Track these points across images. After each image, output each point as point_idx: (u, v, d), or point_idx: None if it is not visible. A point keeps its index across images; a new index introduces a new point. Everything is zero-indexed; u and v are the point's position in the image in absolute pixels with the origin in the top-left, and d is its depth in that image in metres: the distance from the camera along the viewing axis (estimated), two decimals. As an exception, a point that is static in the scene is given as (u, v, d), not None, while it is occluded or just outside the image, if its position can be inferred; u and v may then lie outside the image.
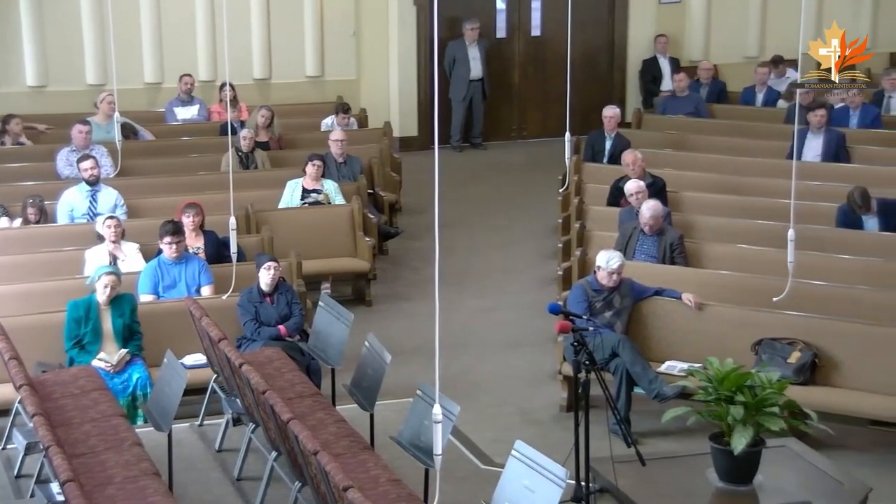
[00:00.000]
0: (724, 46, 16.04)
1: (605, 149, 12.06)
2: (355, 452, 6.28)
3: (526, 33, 16.11)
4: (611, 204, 10.54)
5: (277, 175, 11.39)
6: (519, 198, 13.54)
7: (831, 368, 7.60)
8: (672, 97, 14.04)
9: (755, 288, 8.35)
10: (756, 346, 7.75)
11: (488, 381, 8.81)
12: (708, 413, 5.97)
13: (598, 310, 7.97)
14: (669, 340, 8.10)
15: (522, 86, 16.15)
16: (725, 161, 11.65)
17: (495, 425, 8.03)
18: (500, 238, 12.23)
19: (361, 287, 10.52)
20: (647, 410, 7.67)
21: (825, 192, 10.12)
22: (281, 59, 14.78)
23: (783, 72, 14.53)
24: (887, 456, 7.37)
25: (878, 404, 7.37)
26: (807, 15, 14.99)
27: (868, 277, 8.60)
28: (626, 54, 16.08)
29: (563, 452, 6.25)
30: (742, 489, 5.84)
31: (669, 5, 16.06)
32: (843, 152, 11.47)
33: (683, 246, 9.11)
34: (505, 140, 16.11)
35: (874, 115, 12.48)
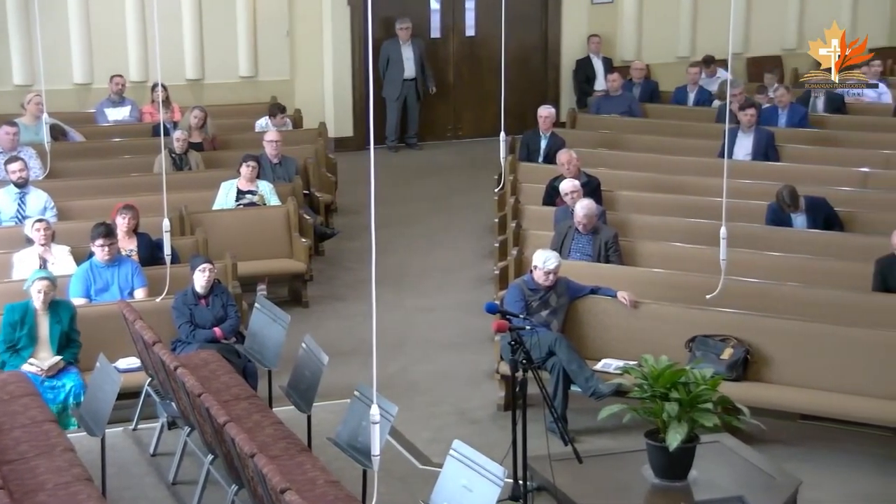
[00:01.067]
0: (656, 46, 16.22)
1: (540, 148, 12.12)
2: (292, 454, 6.25)
3: (460, 33, 16.14)
4: (546, 203, 10.60)
5: (211, 176, 11.28)
6: (455, 198, 13.56)
7: (763, 364, 7.72)
8: (606, 97, 14.16)
9: (688, 285, 8.45)
10: (690, 343, 7.84)
11: (426, 380, 8.81)
12: (643, 410, 6.03)
13: (534, 309, 8.01)
14: (605, 338, 8.17)
15: (457, 86, 16.18)
16: (658, 160, 11.78)
17: (433, 425, 8.04)
18: (436, 238, 12.24)
19: (298, 288, 10.47)
20: (584, 408, 7.72)
21: (755, 191, 10.26)
22: (214, 60, 14.64)
23: (714, 72, 14.73)
24: (817, 449, 7.51)
25: (808, 399, 7.50)
26: (736, 16, 15.25)
27: (797, 274, 8.74)
28: (560, 54, 16.18)
29: (500, 451, 6.27)
30: (677, 485, 5.91)
31: (602, 6, 16.19)
32: (773, 151, 11.65)
33: (618, 244, 9.19)
34: (440, 140, 16.13)
35: (802, 115, 12.70)
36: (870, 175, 10.92)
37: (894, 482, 7.13)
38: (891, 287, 8.32)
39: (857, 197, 10.32)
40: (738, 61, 16.19)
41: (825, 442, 7.59)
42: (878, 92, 13.91)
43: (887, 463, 7.32)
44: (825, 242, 9.32)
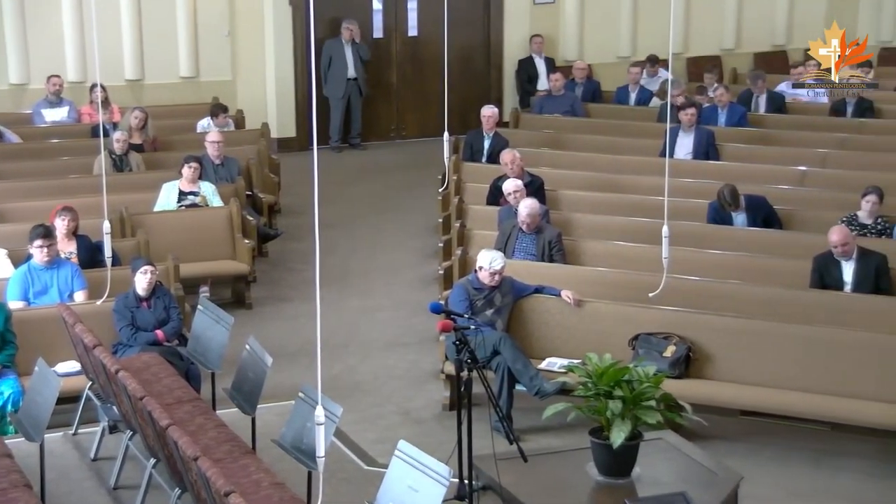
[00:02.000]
0: (598, 46, 16.33)
1: (483, 148, 12.15)
2: (236, 457, 6.20)
3: (403, 33, 16.13)
4: (490, 203, 10.63)
5: (153, 177, 11.17)
6: (399, 198, 13.55)
7: (705, 361, 7.80)
8: (548, 96, 14.23)
9: (631, 284, 8.52)
10: (633, 341, 7.90)
11: (371, 381, 8.79)
12: (587, 408, 6.06)
13: (479, 308, 8.03)
14: (550, 337, 8.21)
15: (400, 86, 16.18)
16: (601, 159, 11.86)
17: (378, 425, 8.03)
18: (380, 238, 12.22)
19: (241, 290, 10.40)
20: (529, 407, 7.75)
21: (696, 189, 10.37)
22: (154, 60, 14.50)
23: (656, 71, 14.87)
24: (757, 445, 7.61)
25: (748, 395, 7.60)
26: (675, 17, 15.42)
27: (738, 272, 8.85)
28: (503, 54, 16.24)
29: (446, 451, 6.27)
30: (620, 482, 5.95)
31: (543, 6, 16.27)
32: (713, 150, 11.79)
33: (561, 243, 9.24)
34: (384, 140, 16.11)
35: (741, 114, 12.85)
36: (807, 173, 11.08)
37: (831, 476, 7.25)
38: (827, 284, 8.46)
39: (795, 195, 10.47)
40: (679, 61, 16.36)
41: (765, 437, 7.69)
42: (814, 91, 14.12)
43: (824, 457, 7.44)
44: (764, 240, 9.44)
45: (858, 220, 9.32)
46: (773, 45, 17.31)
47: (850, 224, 9.20)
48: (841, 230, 8.44)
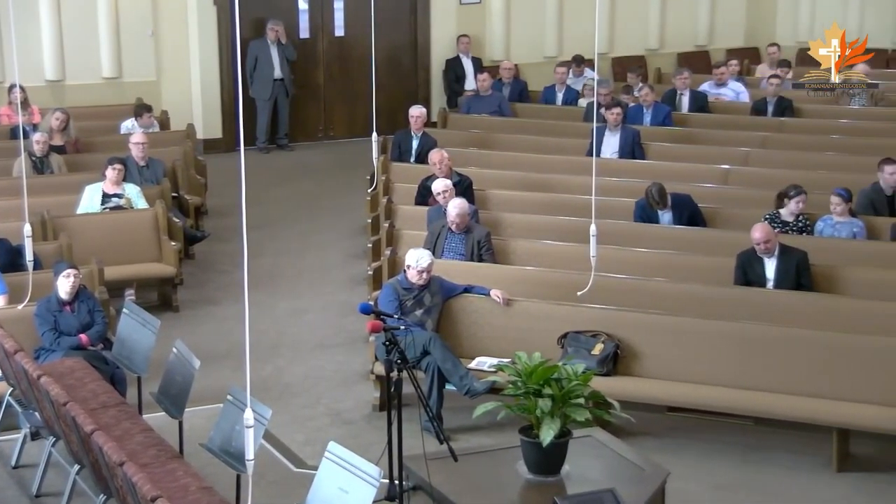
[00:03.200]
0: (524, 46, 16.43)
1: (411, 148, 12.15)
2: (163, 461, 6.12)
3: (329, 33, 16.07)
4: (419, 203, 10.62)
5: (75, 180, 11.00)
6: (327, 198, 13.49)
7: (632, 359, 7.88)
8: (476, 96, 14.27)
9: (560, 282, 8.57)
10: (562, 340, 7.96)
11: (300, 383, 8.74)
12: (517, 407, 6.09)
13: (408, 308, 8.02)
14: (479, 337, 8.23)
15: (328, 86, 16.11)
16: (529, 159, 11.92)
17: (308, 427, 7.98)
18: (309, 239, 12.16)
19: (167, 292, 10.27)
20: (459, 406, 7.77)
21: (623, 188, 10.47)
22: (75, 60, 14.27)
23: (582, 71, 14.99)
24: (684, 440, 7.70)
25: (675, 391, 7.69)
26: (600, 17, 15.55)
27: (664, 270, 8.95)
28: (430, 54, 16.25)
29: (376, 452, 6.26)
30: (550, 480, 5.98)
31: (470, 6, 16.32)
32: (639, 149, 11.91)
33: (490, 243, 9.27)
34: (311, 141, 16.03)
35: (666, 113, 13.01)
36: (730, 172, 11.25)
37: (756, 470, 7.37)
38: (751, 280, 8.59)
39: (718, 193, 10.63)
40: (604, 61, 16.51)
41: (691, 433, 7.79)
42: (736, 91, 14.35)
43: (749, 452, 7.56)
44: (690, 238, 9.56)
45: (781, 218, 9.48)
46: (696, 46, 17.56)
47: (772, 222, 9.36)
48: (763, 227, 8.58)
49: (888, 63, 16.61)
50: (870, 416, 7.20)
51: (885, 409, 7.21)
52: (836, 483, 7.18)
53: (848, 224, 9.34)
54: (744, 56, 16.84)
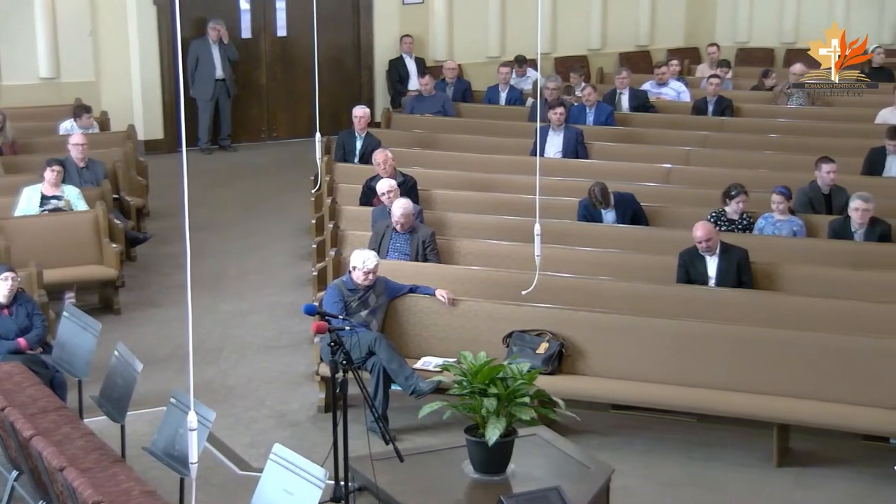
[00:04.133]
0: (467, 46, 16.46)
1: (355, 148, 12.12)
2: (105, 466, 6.04)
3: (271, 33, 15.98)
4: (363, 203, 10.60)
5: (12, 181, 10.84)
6: (271, 199, 13.42)
7: (577, 357, 7.93)
8: (419, 96, 14.27)
9: (505, 282, 8.60)
10: (507, 339, 7.98)
11: (244, 385, 8.68)
12: (463, 406, 6.09)
13: (353, 309, 8.00)
14: (425, 337, 8.23)
15: (270, 86, 16.02)
16: (473, 159, 11.94)
17: (252, 429, 7.93)
18: (253, 240, 12.08)
19: (109, 295, 10.15)
20: (405, 407, 7.76)
21: (566, 188, 10.53)
22: (11, 60, 14.07)
23: (524, 71, 15.05)
24: (628, 438, 7.76)
25: (619, 389, 7.74)
26: (543, 17, 15.63)
27: (607, 268, 9.01)
28: (373, 54, 16.23)
29: (321, 453, 6.24)
30: (496, 479, 5.99)
31: (412, 6, 16.32)
32: (582, 148, 11.98)
33: (435, 243, 9.27)
34: (254, 141, 15.94)
35: (608, 113, 13.10)
36: (672, 171, 11.36)
37: (699, 465, 7.45)
38: (693, 278, 8.68)
39: (661, 192, 10.72)
40: (547, 61, 16.60)
41: (636, 430, 7.85)
42: (677, 91, 14.50)
43: (692, 448, 7.64)
44: (633, 237, 9.63)
45: (726, 216, 9.59)
46: (637, 46, 17.71)
47: (718, 220, 9.47)
48: (704, 226, 8.66)
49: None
50: (809, 411, 7.31)
51: (823, 405, 7.32)
52: (777, 477, 7.28)
53: (788, 222, 9.47)
54: (684, 56, 17.03)
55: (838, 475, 7.27)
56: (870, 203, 9.14)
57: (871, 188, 9.60)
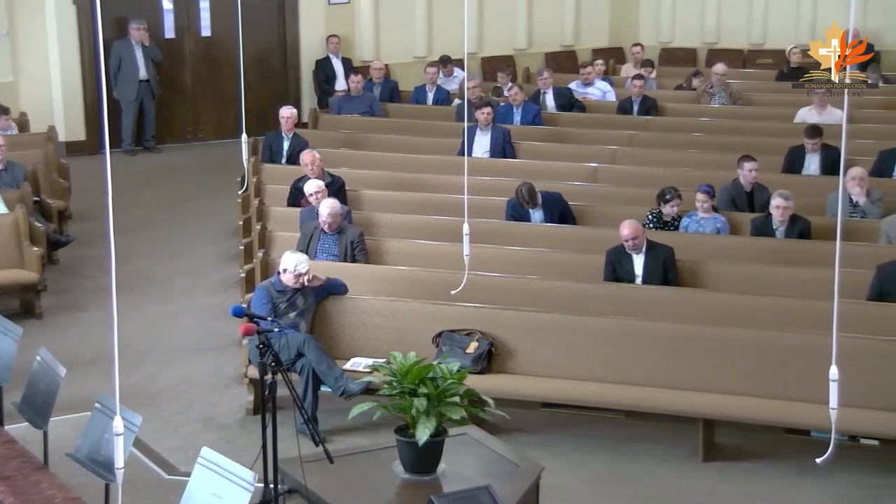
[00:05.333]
0: (394, 47, 16.45)
1: (282, 149, 12.05)
2: (27, 473, 5.93)
3: (195, 33, 15.82)
4: (291, 204, 10.54)
5: (-71, 184, 10.60)
6: (197, 201, 13.28)
7: (506, 356, 7.96)
8: (347, 97, 14.23)
9: (434, 282, 8.61)
10: (437, 339, 7.99)
11: (172, 388, 8.58)
12: (393, 407, 6.09)
13: (282, 311, 7.95)
14: (354, 337, 8.20)
15: (195, 87, 15.87)
16: (401, 159, 11.94)
17: (180, 433, 7.84)
18: (179, 242, 11.94)
19: (30, 299, 9.96)
20: (334, 408, 7.73)
21: (494, 187, 10.57)
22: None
23: (451, 72, 15.08)
24: (558, 436, 7.82)
25: (548, 387, 7.80)
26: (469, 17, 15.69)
27: (536, 267, 9.07)
28: (299, 54, 16.14)
29: (250, 456, 6.18)
30: (426, 478, 5.99)
31: (338, 6, 16.26)
32: (509, 148, 12.04)
33: (364, 243, 9.25)
34: (180, 142, 15.77)
35: (535, 112, 13.18)
36: (599, 170, 11.46)
37: (627, 461, 7.52)
38: (620, 276, 8.77)
39: (588, 191, 10.82)
40: (474, 61, 16.65)
41: (565, 428, 7.91)
42: (603, 91, 14.64)
43: (621, 444, 7.72)
44: (560, 236, 9.70)
45: (663, 217, 9.70)
46: (563, 46, 17.84)
47: (655, 220, 9.59)
48: (631, 225, 8.75)
49: (744, 63, 17.17)
50: (733, 406, 7.42)
51: (747, 399, 7.45)
52: (703, 472, 7.38)
53: (712, 220, 9.61)
54: (609, 56, 17.20)
55: (762, 468, 7.40)
56: (790, 201, 9.32)
57: (791, 186, 9.79)
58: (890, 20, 16.52)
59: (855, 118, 12.44)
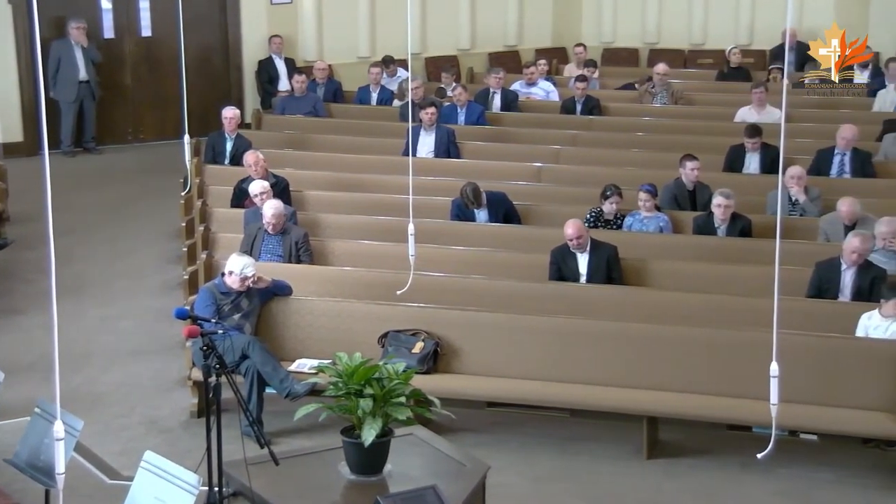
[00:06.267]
0: (337, 47, 16.38)
1: (225, 150, 11.96)
2: (-34, 481, 5.84)
3: (135, 33, 15.64)
4: (235, 205, 10.48)
5: None
6: (139, 202, 13.14)
7: (452, 356, 7.97)
8: (290, 97, 14.16)
9: (379, 282, 8.60)
10: (382, 339, 7.98)
11: (114, 392, 8.49)
12: (339, 408, 6.07)
13: (226, 313, 7.90)
14: (300, 338, 8.17)
15: (136, 87, 15.69)
16: (345, 159, 11.91)
17: (122, 437, 7.76)
18: (121, 245, 11.81)
19: (-32, 303, 9.81)
20: (280, 410, 7.69)
21: (439, 187, 10.58)
22: None
23: (394, 72, 15.06)
24: (503, 435, 7.85)
25: (494, 387, 7.82)
26: (412, 18, 15.67)
27: (481, 267, 9.09)
28: (242, 54, 16.02)
29: (195, 459, 6.14)
30: (372, 479, 5.98)
31: (281, 6, 16.17)
32: (454, 148, 12.05)
33: (308, 244, 9.21)
34: (121, 143, 15.58)
35: (479, 112, 13.20)
36: (542, 169, 11.52)
37: (572, 460, 7.57)
38: (565, 275, 8.82)
39: (532, 191, 10.87)
40: (417, 61, 16.65)
41: (510, 427, 7.94)
42: (546, 90, 14.70)
43: (566, 443, 7.76)
44: (505, 236, 9.74)
45: (604, 216, 9.76)
46: (506, 46, 17.89)
47: (596, 219, 9.65)
48: (575, 224, 8.80)
49: (685, 63, 17.34)
50: (676, 403, 7.50)
51: (690, 397, 7.52)
52: (647, 469, 7.45)
53: (654, 219, 9.70)
54: (552, 56, 17.27)
55: (704, 465, 7.48)
56: (731, 199, 9.43)
57: (731, 185, 9.91)
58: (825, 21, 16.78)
59: (793, 117, 12.62)
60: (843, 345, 7.57)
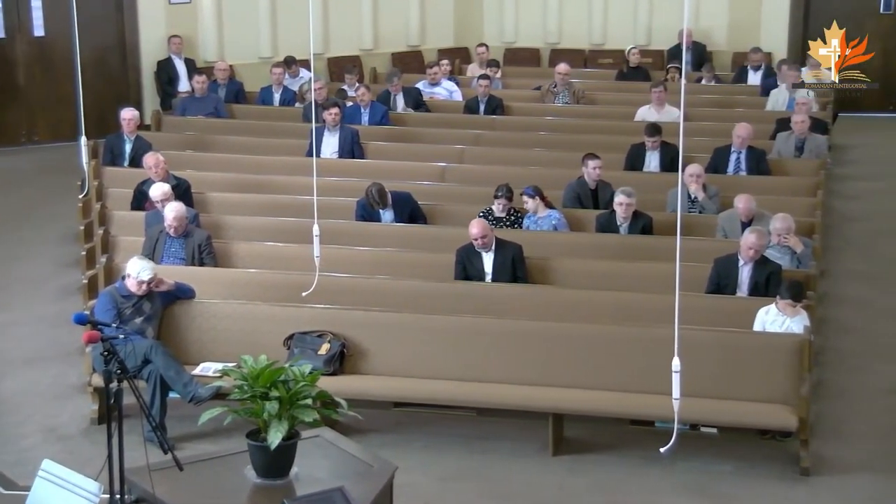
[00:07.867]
0: (238, 47, 16.22)
1: (124, 152, 11.75)
2: None
3: (27, 33, 15.29)
4: (135, 208, 10.30)
5: None
6: (34, 206, 12.84)
7: (358, 357, 7.95)
8: (191, 98, 13.97)
9: (284, 284, 8.54)
10: (288, 341, 7.92)
11: (9, 399, 8.28)
12: (244, 411, 6.00)
13: (127, 317, 7.76)
14: (203, 342, 8.07)
15: (29, 88, 15.34)
16: (248, 160, 11.80)
17: (19, 446, 7.57)
18: (16, 249, 11.53)
19: None
20: (184, 415, 7.59)
21: (344, 188, 10.54)
22: None
23: (297, 72, 14.97)
24: (410, 435, 7.85)
25: (400, 387, 7.82)
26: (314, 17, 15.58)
27: (387, 267, 9.09)
28: (140, 55, 15.75)
29: (96, 466, 6.01)
30: (279, 482, 5.94)
31: (179, 6, 15.94)
32: (358, 148, 12.02)
33: (212, 246, 9.11)
34: (13, 146, 15.22)
35: (383, 112, 13.19)
36: (447, 169, 11.55)
37: (479, 458, 7.60)
38: (470, 275, 8.86)
39: (436, 191, 10.89)
40: (320, 61, 16.56)
41: (417, 426, 7.95)
42: (449, 90, 14.75)
43: (473, 442, 7.80)
44: (411, 236, 9.74)
45: (494, 215, 9.82)
46: (409, 46, 17.91)
47: (486, 218, 9.69)
48: (479, 223, 8.85)
49: (586, 62, 17.57)
50: (581, 399, 7.58)
51: (594, 393, 7.62)
52: (553, 465, 7.52)
53: (547, 217, 9.79)
54: (455, 56, 17.34)
55: (609, 460, 7.58)
56: (632, 197, 9.57)
57: (632, 183, 10.06)
58: (720, 21, 17.16)
59: (691, 116, 12.87)
60: (742, 339, 7.74)
